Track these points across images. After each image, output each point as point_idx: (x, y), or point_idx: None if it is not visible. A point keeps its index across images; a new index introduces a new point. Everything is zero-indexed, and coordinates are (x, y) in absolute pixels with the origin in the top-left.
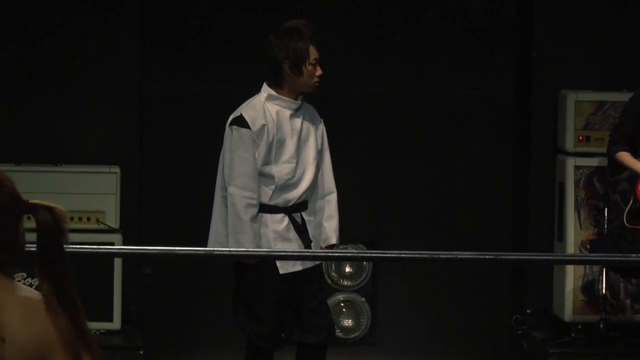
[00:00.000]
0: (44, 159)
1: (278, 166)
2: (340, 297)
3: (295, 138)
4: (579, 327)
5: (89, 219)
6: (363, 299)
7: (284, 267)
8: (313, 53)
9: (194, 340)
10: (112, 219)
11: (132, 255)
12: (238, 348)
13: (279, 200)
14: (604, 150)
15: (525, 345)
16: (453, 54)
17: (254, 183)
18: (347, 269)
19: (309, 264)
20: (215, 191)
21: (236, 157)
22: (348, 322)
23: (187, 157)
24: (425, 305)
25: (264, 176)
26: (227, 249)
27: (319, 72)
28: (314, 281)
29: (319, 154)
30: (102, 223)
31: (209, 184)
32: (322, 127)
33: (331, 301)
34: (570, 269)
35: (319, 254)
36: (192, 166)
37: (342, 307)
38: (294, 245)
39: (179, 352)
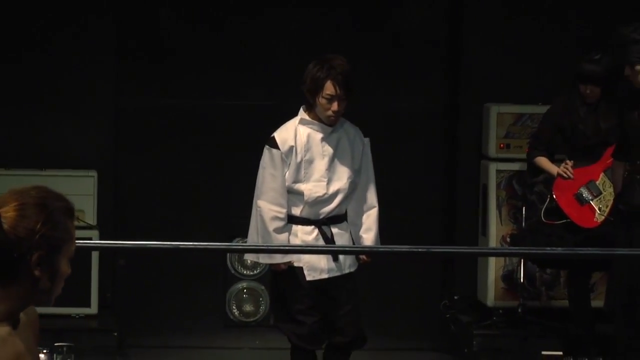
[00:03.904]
0: (29, 164)
1: (308, 184)
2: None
3: (326, 159)
4: (500, 311)
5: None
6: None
7: (310, 275)
8: (329, 88)
9: (164, 324)
10: (90, 217)
11: (107, 249)
12: (205, 332)
13: (310, 214)
14: (522, 156)
15: (452, 327)
16: (389, 71)
17: (282, 198)
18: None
19: (336, 273)
20: (253, 203)
21: (267, 174)
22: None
23: (158, 163)
24: (364, 294)
25: (294, 192)
26: (193, 243)
27: (334, 107)
28: (345, 288)
29: (357, 172)
30: (81, 221)
31: (176, 186)
32: (362, 147)
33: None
34: (492, 260)
35: (269, 247)
36: (162, 170)
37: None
38: (320, 256)
39: (150, 335)
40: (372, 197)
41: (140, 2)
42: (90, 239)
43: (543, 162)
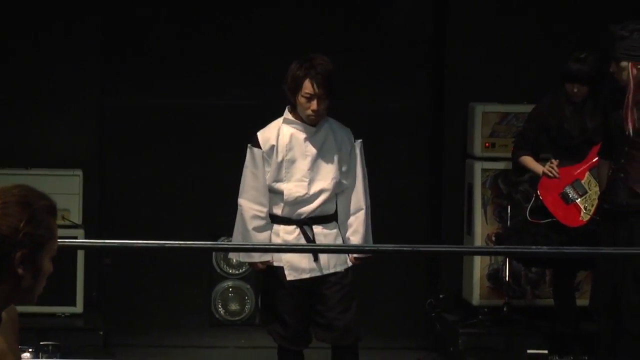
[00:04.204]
0: (15, 164)
1: (289, 184)
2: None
3: (309, 159)
4: (486, 310)
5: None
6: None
7: (291, 275)
8: (307, 87)
9: (149, 323)
10: (76, 216)
11: (93, 248)
12: (191, 331)
13: (291, 214)
14: (507, 155)
15: (438, 326)
16: (375, 70)
17: (263, 197)
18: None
19: (317, 273)
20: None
21: (248, 173)
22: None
23: (143, 162)
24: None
25: (275, 192)
26: (178, 242)
27: (313, 106)
28: (334, 289)
29: (345, 174)
30: (67, 219)
31: (161, 185)
32: (351, 148)
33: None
34: (477, 259)
35: (247, 247)
36: (146, 169)
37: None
38: (301, 255)
39: (136, 334)
40: (360, 199)
41: (125, 3)
42: (76, 238)
43: (528, 161)
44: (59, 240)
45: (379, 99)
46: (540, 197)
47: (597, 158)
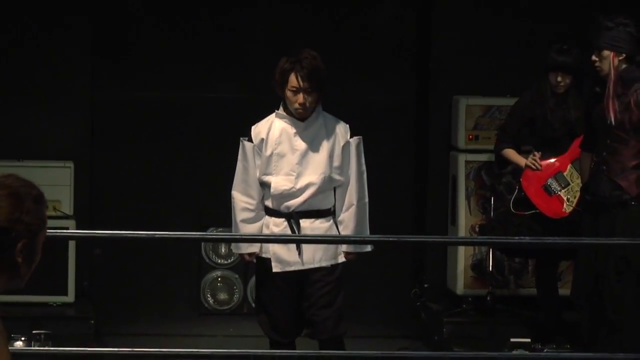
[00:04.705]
0: (7, 155)
1: (276, 177)
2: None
3: (297, 154)
4: (470, 299)
5: (46, 207)
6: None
7: (277, 266)
8: (292, 80)
9: (139, 312)
10: (67, 207)
11: (84, 238)
12: (180, 319)
13: (279, 207)
14: (491, 147)
15: (423, 315)
16: (361, 65)
17: (252, 190)
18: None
19: (301, 266)
20: None
21: (240, 165)
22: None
23: (132, 154)
24: None
25: (264, 185)
26: (167, 233)
27: (299, 99)
28: (320, 283)
29: (338, 170)
30: (58, 210)
31: (151, 177)
32: (344, 144)
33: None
34: (462, 249)
35: (224, 236)
36: (136, 162)
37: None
38: (287, 248)
39: (126, 322)
40: (352, 195)
41: (115, 0)
42: (67, 228)
43: (511, 154)
44: (50, 231)
45: (366, 94)
46: (523, 189)
47: (579, 150)
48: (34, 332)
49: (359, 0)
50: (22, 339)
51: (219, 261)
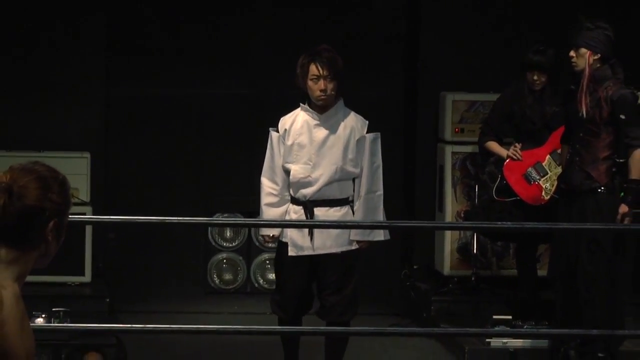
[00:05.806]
0: (29, 147)
1: (295, 166)
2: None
3: (315, 144)
4: (455, 279)
5: (70, 190)
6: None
7: (293, 250)
8: (313, 70)
9: (150, 291)
10: (84, 195)
11: (99, 224)
12: (188, 298)
13: (299, 195)
14: (475, 139)
15: (412, 294)
16: (355, 63)
17: (277, 177)
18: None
19: (313, 252)
20: None
21: (268, 154)
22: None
23: (144, 146)
24: None
25: (287, 172)
26: (177, 218)
27: (320, 86)
28: (333, 269)
29: (353, 162)
30: (76, 198)
31: (162, 166)
32: (359, 138)
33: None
34: (448, 233)
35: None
36: (148, 152)
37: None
38: (302, 233)
39: (138, 301)
40: (363, 187)
41: (129, 2)
42: (84, 214)
43: (493, 146)
44: (69, 216)
45: (359, 89)
46: (505, 178)
47: (557, 142)
48: (53, 309)
49: (351, 0)
50: (43, 316)
51: (224, 244)
